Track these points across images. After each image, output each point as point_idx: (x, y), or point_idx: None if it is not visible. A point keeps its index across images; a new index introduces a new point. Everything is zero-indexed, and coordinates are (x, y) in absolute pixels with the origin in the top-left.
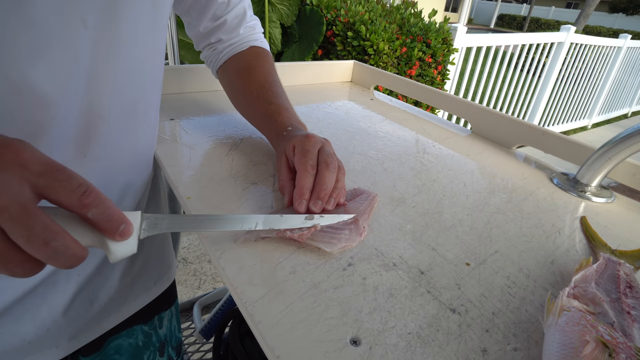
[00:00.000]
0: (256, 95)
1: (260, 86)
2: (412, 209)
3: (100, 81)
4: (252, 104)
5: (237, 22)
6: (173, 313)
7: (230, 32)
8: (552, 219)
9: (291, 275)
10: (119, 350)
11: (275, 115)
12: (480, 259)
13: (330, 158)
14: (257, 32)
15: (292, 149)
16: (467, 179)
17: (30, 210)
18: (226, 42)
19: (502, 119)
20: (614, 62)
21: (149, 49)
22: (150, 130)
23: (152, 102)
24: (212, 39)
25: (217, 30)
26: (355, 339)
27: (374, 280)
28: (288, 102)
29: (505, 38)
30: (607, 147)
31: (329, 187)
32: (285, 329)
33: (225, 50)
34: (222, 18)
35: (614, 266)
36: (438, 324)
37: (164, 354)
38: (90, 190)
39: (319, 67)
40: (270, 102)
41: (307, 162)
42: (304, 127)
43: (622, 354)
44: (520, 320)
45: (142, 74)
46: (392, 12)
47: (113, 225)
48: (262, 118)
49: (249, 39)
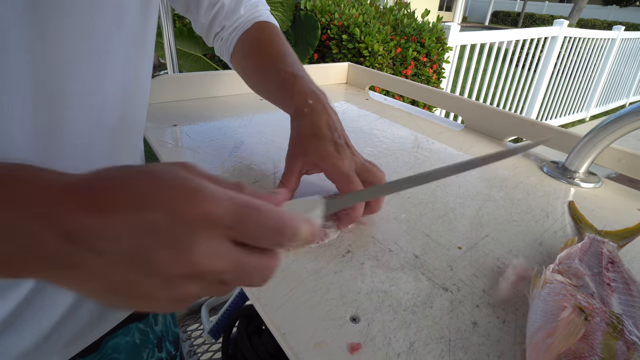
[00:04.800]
0: (268, 68)
1: (271, 57)
2: (407, 199)
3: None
4: (265, 77)
5: (235, 3)
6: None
7: (232, 16)
8: (541, 204)
9: (293, 263)
10: (117, 349)
11: (291, 83)
12: (471, 243)
13: (372, 171)
14: (260, 9)
15: (317, 166)
16: None
17: (243, 263)
18: (230, 27)
19: (493, 112)
20: (608, 54)
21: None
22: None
23: (138, 120)
24: (216, 27)
25: (218, 17)
26: (354, 316)
27: (371, 264)
28: (303, 69)
29: (499, 34)
30: (592, 134)
31: (380, 203)
32: (289, 310)
33: (231, 36)
34: (219, 2)
35: (598, 244)
36: (431, 301)
37: (162, 350)
38: (282, 227)
39: (315, 70)
40: (283, 71)
41: (356, 187)
42: (324, 96)
43: (597, 317)
44: (508, 296)
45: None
46: (386, 13)
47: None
48: (279, 90)
49: (252, 16)
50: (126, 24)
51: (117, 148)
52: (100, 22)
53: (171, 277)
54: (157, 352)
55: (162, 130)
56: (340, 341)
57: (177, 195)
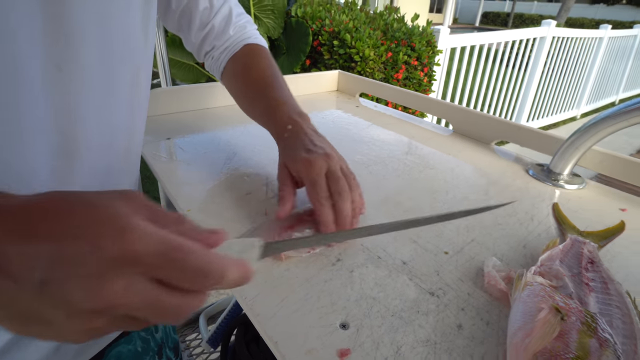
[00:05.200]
0: (255, 94)
1: (257, 83)
2: (395, 207)
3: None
4: (252, 104)
5: (225, 25)
6: None
7: (221, 37)
8: (526, 207)
9: (285, 272)
10: (120, 357)
11: (274, 110)
12: (458, 248)
13: (340, 185)
14: (248, 30)
15: (298, 174)
16: (447, 175)
17: (158, 302)
18: (220, 47)
19: (480, 117)
20: (596, 52)
21: (127, 84)
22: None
23: (136, 129)
24: (206, 47)
25: (209, 37)
26: (344, 323)
27: (360, 272)
28: (287, 92)
29: (488, 36)
30: (574, 137)
31: (348, 213)
32: (281, 318)
33: (222, 56)
34: (209, 24)
35: (579, 245)
36: (418, 306)
37: (163, 356)
38: (208, 271)
39: (305, 79)
40: (269, 98)
41: (320, 195)
42: (306, 119)
43: (573, 317)
44: (493, 299)
45: (123, 101)
46: (376, 18)
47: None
48: (263, 116)
49: (241, 38)
50: (132, 48)
51: (125, 163)
52: (110, 53)
53: (78, 311)
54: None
55: (156, 143)
56: (330, 347)
57: (104, 230)
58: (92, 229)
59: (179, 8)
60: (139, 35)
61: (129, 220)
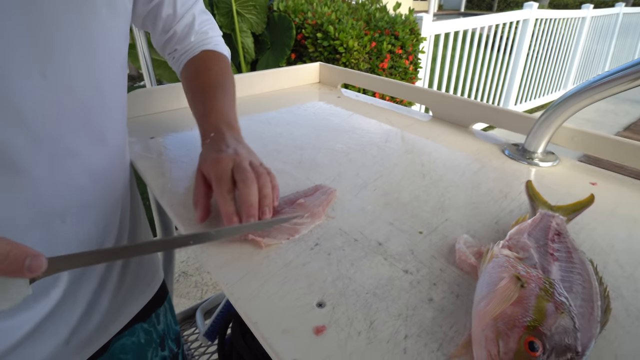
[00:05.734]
0: (196, 99)
1: (201, 88)
2: (373, 192)
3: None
4: (192, 107)
5: (187, 31)
6: (167, 308)
7: (182, 42)
8: (500, 186)
9: (265, 259)
10: (124, 349)
11: (205, 117)
12: (432, 227)
13: (244, 173)
14: (210, 37)
15: (207, 174)
16: (425, 159)
17: None
18: (180, 50)
19: (458, 101)
20: (580, 32)
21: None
22: (118, 155)
23: (116, 130)
24: (168, 49)
25: (171, 41)
26: (320, 302)
27: (337, 254)
28: (227, 102)
29: (471, 22)
30: (545, 116)
31: (253, 201)
32: (260, 301)
33: (181, 58)
34: (171, 30)
35: (548, 219)
36: (392, 283)
37: (165, 348)
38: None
39: (287, 72)
40: (204, 104)
41: (222, 189)
42: (234, 129)
43: (532, 284)
44: (464, 273)
45: (103, 105)
46: (358, 9)
47: (20, 268)
48: (197, 121)
49: (201, 44)
50: (112, 47)
51: (118, 163)
52: (93, 56)
53: None
54: (161, 351)
55: (140, 143)
56: (306, 325)
57: None
58: None
59: (143, 13)
60: (121, 35)
61: None
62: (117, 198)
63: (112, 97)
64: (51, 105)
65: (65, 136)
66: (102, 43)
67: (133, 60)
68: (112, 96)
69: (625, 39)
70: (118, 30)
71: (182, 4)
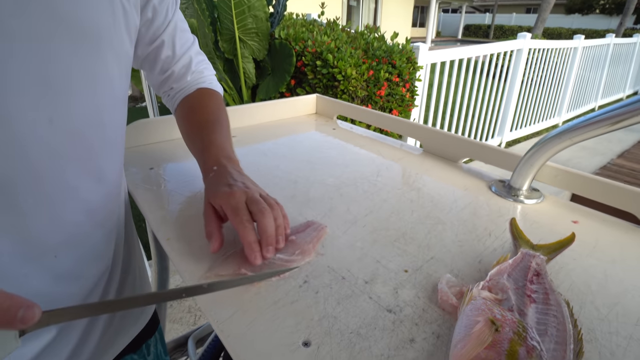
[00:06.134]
0: (194, 134)
1: (199, 124)
2: (362, 228)
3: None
4: (191, 142)
5: (184, 71)
6: (157, 338)
7: (179, 81)
8: (485, 223)
9: (255, 296)
10: None
11: (205, 152)
12: (417, 266)
13: (260, 205)
14: (205, 76)
15: (221, 208)
16: (414, 195)
17: None
18: (176, 89)
19: (448, 137)
20: (572, 61)
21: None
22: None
23: (115, 166)
24: (165, 87)
25: (167, 81)
26: (306, 341)
27: (324, 292)
28: (224, 137)
29: (466, 51)
30: (529, 154)
31: (271, 231)
32: (249, 339)
33: (176, 96)
34: (169, 70)
35: (528, 259)
36: (375, 322)
37: None
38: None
39: (284, 104)
40: (202, 140)
41: (242, 219)
42: (234, 162)
43: (507, 327)
44: (445, 313)
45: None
46: (357, 38)
47: (12, 319)
48: (197, 156)
49: (197, 82)
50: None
51: (114, 198)
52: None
53: None
54: None
55: (139, 174)
56: None
57: None
58: None
59: (143, 55)
60: (123, 81)
61: None
62: (110, 230)
63: (113, 135)
64: (55, 146)
65: (66, 174)
66: (106, 87)
67: (136, 82)
68: (113, 135)
69: (617, 67)
70: (121, 74)
71: (181, 45)
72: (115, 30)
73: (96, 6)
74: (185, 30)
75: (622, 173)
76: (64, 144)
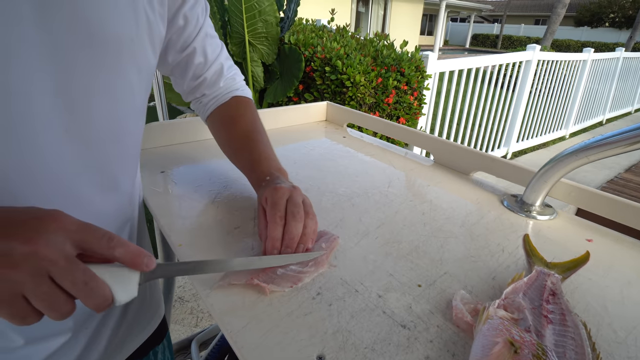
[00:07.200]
0: (240, 145)
1: (243, 136)
2: (375, 240)
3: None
4: (236, 153)
5: (217, 78)
6: (165, 346)
7: (212, 87)
8: (498, 239)
9: (269, 307)
10: None
11: (256, 164)
12: (430, 280)
13: (297, 208)
14: (237, 82)
15: (265, 200)
16: (426, 208)
17: (72, 260)
18: (209, 95)
19: (458, 149)
20: (581, 74)
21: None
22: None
23: (131, 170)
24: (196, 94)
25: (200, 87)
26: (320, 355)
27: (338, 305)
28: (269, 148)
29: (475, 61)
30: (544, 170)
31: (296, 235)
32: (263, 351)
33: (209, 103)
34: (201, 77)
35: (543, 277)
36: (390, 338)
37: None
38: (114, 236)
39: (295, 110)
40: (251, 152)
41: (275, 214)
42: (283, 174)
43: (525, 349)
44: (460, 331)
45: (120, 139)
46: (366, 45)
47: (138, 259)
48: (246, 167)
49: (230, 89)
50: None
51: (128, 205)
52: (121, 107)
53: (9, 251)
54: None
55: (150, 177)
56: None
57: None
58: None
59: (174, 62)
60: (142, 92)
61: (58, 211)
62: (123, 234)
63: (130, 146)
64: (71, 157)
65: (81, 185)
66: (126, 98)
67: None
68: (130, 145)
69: (626, 81)
70: (141, 85)
71: (212, 52)
72: (138, 42)
73: (120, 17)
74: (214, 36)
75: (630, 187)
76: (79, 153)
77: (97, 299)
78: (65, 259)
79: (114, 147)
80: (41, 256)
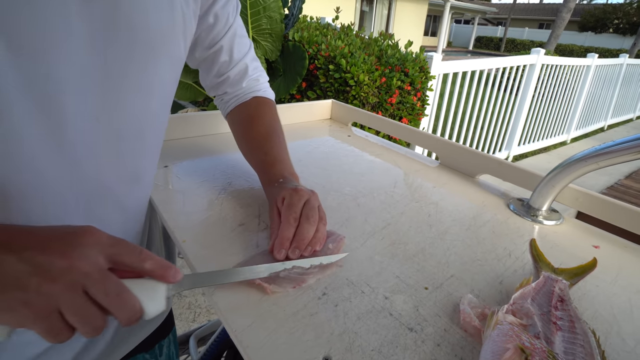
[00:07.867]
0: (256, 145)
1: (260, 136)
2: (381, 241)
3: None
4: (251, 152)
5: (240, 78)
6: (171, 340)
7: (234, 86)
8: (504, 243)
9: (274, 306)
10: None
11: (270, 166)
12: (437, 283)
13: (312, 211)
14: (260, 83)
15: (282, 200)
16: (432, 209)
17: (106, 272)
18: (231, 94)
19: (464, 151)
20: (585, 79)
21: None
22: (147, 184)
23: (150, 164)
24: (219, 91)
25: (222, 85)
26: (327, 357)
27: (344, 306)
28: (285, 151)
29: (479, 63)
30: (552, 175)
31: (307, 238)
32: (268, 351)
33: (230, 101)
34: (225, 75)
35: (551, 283)
36: (397, 341)
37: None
38: (144, 250)
39: (300, 108)
40: (266, 153)
41: (290, 214)
42: (296, 178)
43: (536, 356)
44: (467, 335)
45: (142, 140)
46: (371, 44)
47: (166, 271)
48: (259, 167)
49: (252, 89)
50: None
51: (146, 198)
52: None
53: (49, 266)
54: None
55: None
56: None
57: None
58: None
59: (201, 58)
60: (172, 84)
61: (92, 227)
62: (140, 224)
63: (155, 138)
64: (99, 147)
65: (106, 176)
66: (157, 91)
67: None
68: (155, 138)
69: (629, 87)
70: (171, 78)
71: (238, 51)
72: (173, 37)
73: (158, 12)
74: (243, 36)
75: (630, 194)
76: (107, 143)
77: (128, 312)
78: (99, 271)
79: (141, 139)
80: (77, 269)
